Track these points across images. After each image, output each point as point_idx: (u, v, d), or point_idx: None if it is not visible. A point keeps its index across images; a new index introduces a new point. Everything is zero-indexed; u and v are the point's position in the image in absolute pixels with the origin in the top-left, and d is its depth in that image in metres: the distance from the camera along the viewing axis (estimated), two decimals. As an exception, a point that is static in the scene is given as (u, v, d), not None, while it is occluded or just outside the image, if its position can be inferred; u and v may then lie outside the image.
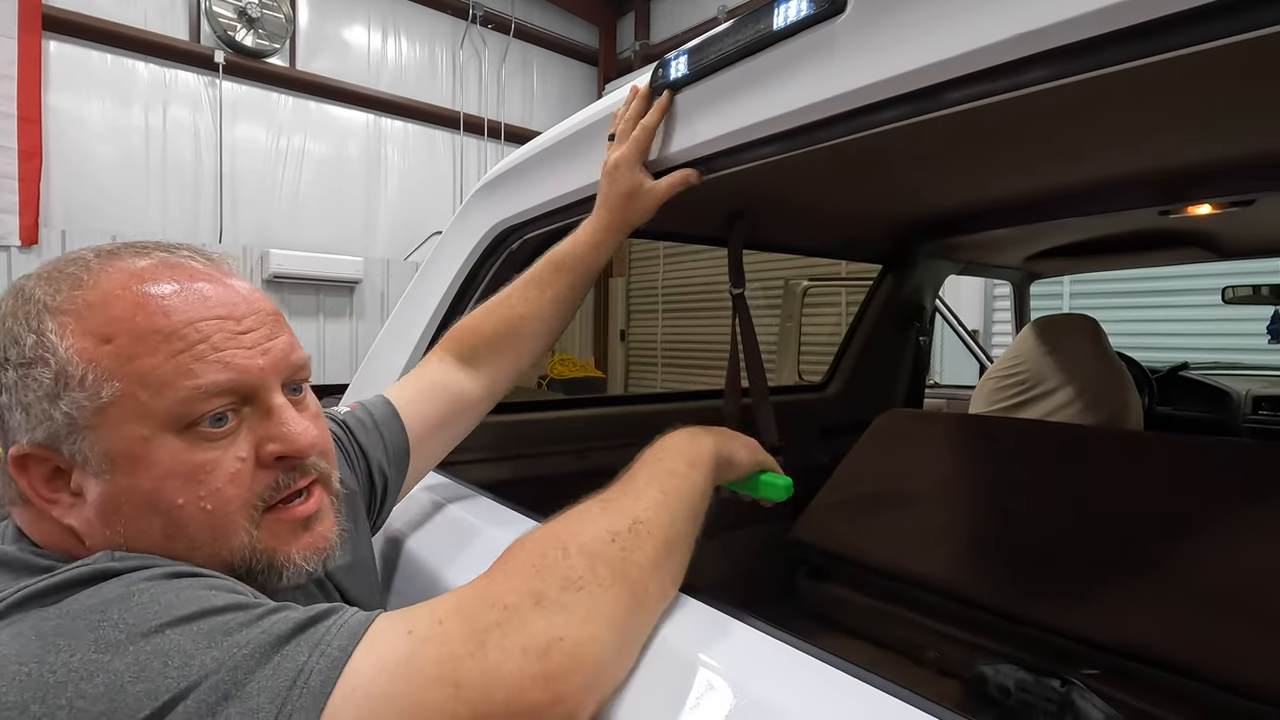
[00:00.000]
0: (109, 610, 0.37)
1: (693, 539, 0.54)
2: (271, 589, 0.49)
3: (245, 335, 0.48)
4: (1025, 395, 1.27)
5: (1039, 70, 0.41)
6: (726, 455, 0.64)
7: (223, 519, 0.46)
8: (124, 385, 0.43)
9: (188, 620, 0.38)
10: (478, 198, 1.02)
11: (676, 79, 0.62)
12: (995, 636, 0.82)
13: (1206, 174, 0.94)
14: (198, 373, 0.45)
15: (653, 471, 0.56)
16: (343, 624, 0.40)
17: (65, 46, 4.16)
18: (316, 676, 0.37)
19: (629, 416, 1.51)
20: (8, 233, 3.85)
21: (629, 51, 6.63)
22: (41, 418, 0.44)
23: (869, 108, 0.49)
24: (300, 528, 0.51)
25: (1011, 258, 1.80)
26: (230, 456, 0.46)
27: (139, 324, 0.44)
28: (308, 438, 0.50)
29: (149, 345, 0.44)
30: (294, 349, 0.51)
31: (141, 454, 0.44)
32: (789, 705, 0.41)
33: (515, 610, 0.41)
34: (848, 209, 1.25)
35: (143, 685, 0.35)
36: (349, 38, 5.34)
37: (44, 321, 0.44)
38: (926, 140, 0.79)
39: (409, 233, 5.56)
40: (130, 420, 0.44)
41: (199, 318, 0.46)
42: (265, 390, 0.48)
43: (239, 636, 0.38)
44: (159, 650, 0.36)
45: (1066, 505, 0.87)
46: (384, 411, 0.77)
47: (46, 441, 0.44)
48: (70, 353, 0.43)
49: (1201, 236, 1.39)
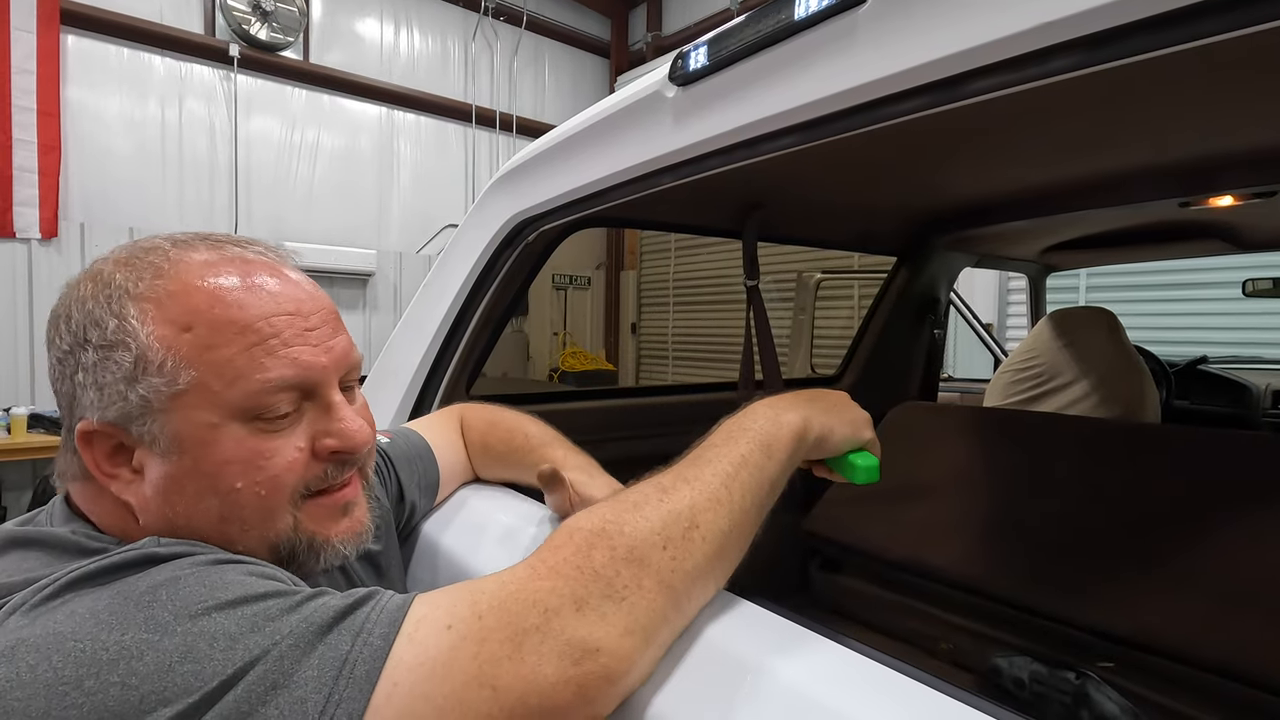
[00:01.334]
0: (158, 592, 0.39)
1: (750, 538, 0.51)
2: (309, 571, 0.52)
3: (312, 333, 0.50)
4: (1041, 388, 1.27)
5: (1062, 60, 0.41)
6: (817, 434, 0.58)
7: (274, 504, 0.49)
8: (200, 374, 0.45)
9: (232, 605, 0.39)
10: (494, 190, 1.03)
11: (696, 70, 0.62)
12: (1009, 629, 0.82)
13: (1227, 165, 0.93)
14: (268, 366, 0.47)
15: (724, 457, 0.52)
16: (381, 609, 0.41)
17: (83, 41, 4.19)
18: (361, 667, 0.38)
19: (642, 408, 1.51)
20: (28, 225, 3.90)
21: (641, 43, 6.60)
22: (116, 398, 0.45)
23: (889, 99, 0.49)
24: (340, 513, 0.53)
25: (1028, 250, 1.79)
26: (290, 446, 0.49)
27: (217, 315, 0.46)
28: (363, 435, 0.52)
29: (225, 337, 0.46)
30: (352, 349, 0.54)
31: (209, 439, 0.46)
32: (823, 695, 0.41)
33: (555, 614, 0.41)
34: (864, 201, 1.25)
35: (190, 665, 0.36)
36: (361, 31, 5.35)
37: (125, 306, 0.46)
38: (945, 132, 0.79)
39: (421, 225, 5.58)
40: (202, 407, 0.46)
41: (271, 313, 0.48)
42: (326, 387, 0.51)
43: (281, 623, 0.39)
44: (205, 633, 0.37)
45: (1082, 498, 0.87)
46: (420, 445, 0.82)
47: (117, 420, 0.46)
48: (151, 339, 0.45)
49: (1222, 228, 1.38)
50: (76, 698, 0.35)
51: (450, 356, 1.07)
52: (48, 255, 3.96)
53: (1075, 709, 0.66)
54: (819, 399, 0.61)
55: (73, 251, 4.03)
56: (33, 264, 3.93)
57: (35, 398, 3.86)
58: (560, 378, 6.12)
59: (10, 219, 3.86)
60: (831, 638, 0.46)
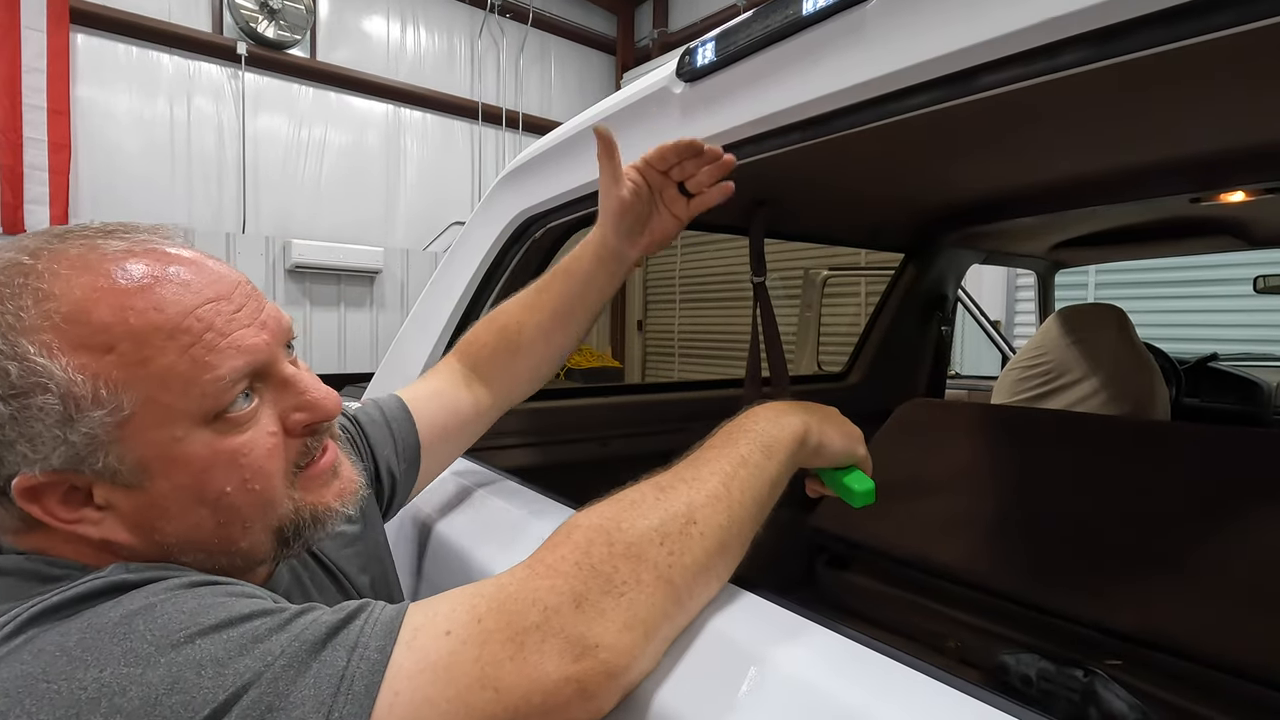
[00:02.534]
0: (134, 622, 0.36)
1: (751, 534, 0.51)
2: (315, 539, 0.51)
3: (240, 313, 0.46)
4: (1049, 386, 1.26)
5: (1072, 55, 0.41)
6: (816, 440, 0.57)
7: (269, 493, 0.47)
8: (143, 392, 0.41)
9: (215, 629, 0.37)
10: (501, 187, 1.03)
11: (703, 66, 0.62)
12: (1017, 626, 0.81)
13: (1240, 160, 0.92)
14: (214, 364, 0.43)
15: (722, 456, 0.51)
16: (375, 621, 0.40)
17: (92, 39, 4.22)
18: (360, 681, 0.37)
19: (648, 405, 1.51)
20: (39, 223, 3.93)
21: (647, 40, 6.59)
22: (54, 444, 0.40)
23: (898, 94, 0.49)
24: (331, 476, 0.52)
25: (1037, 247, 1.78)
26: (263, 434, 0.46)
27: (134, 326, 0.41)
28: (331, 401, 0.50)
29: (154, 346, 0.41)
30: (281, 314, 0.50)
31: (178, 454, 0.43)
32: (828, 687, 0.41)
33: (555, 612, 0.41)
34: (872, 197, 1.24)
35: (178, 697, 0.34)
36: (368, 28, 5.36)
37: (19, 344, 0.39)
38: (954, 127, 0.78)
39: (428, 223, 5.60)
40: (159, 425, 0.42)
41: (192, 306, 0.43)
42: (275, 363, 0.48)
43: (270, 643, 0.37)
44: (191, 660, 0.35)
45: (1090, 496, 0.87)
46: (395, 408, 0.76)
47: (63, 466, 0.41)
48: (69, 371, 0.40)
49: (1233, 224, 1.37)
50: None
51: (464, 335, 1.08)
52: (58, 253, 4.00)
53: (1083, 706, 0.66)
54: (815, 409, 0.61)
55: (83, 249, 4.06)
56: (44, 261, 3.96)
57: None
58: (567, 375, 6.13)
59: (21, 216, 3.89)
60: (837, 630, 0.46)
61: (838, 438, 0.59)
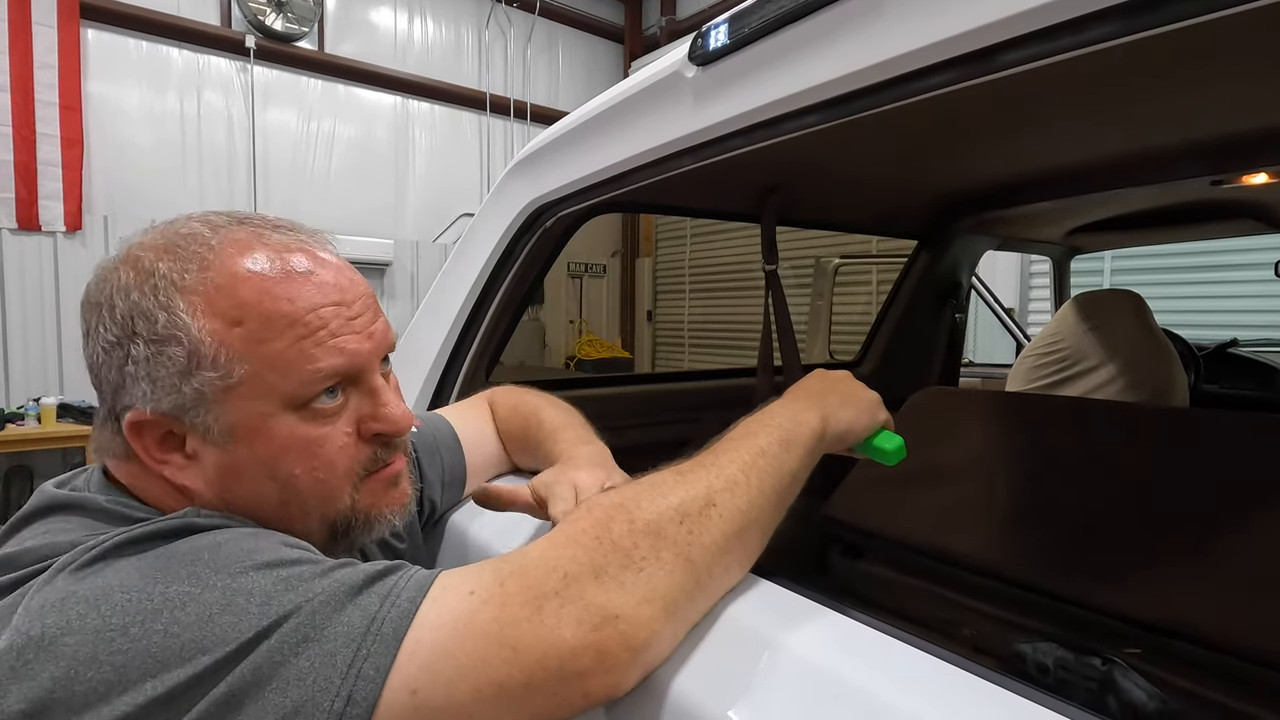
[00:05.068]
0: (201, 554, 0.42)
1: (772, 524, 0.51)
2: (359, 543, 0.55)
3: (355, 320, 0.51)
4: (1065, 373, 1.25)
5: (1098, 29, 0.40)
6: (836, 431, 0.58)
7: (333, 486, 0.51)
8: (252, 367, 0.47)
9: (268, 566, 0.41)
10: (511, 176, 1.03)
11: (716, 49, 0.61)
12: (1033, 614, 0.81)
13: (1263, 140, 0.90)
14: (318, 357, 0.48)
15: (742, 447, 0.52)
16: (410, 578, 0.43)
17: (102, 35, 4.23)
18: (389, 624, 0.40)
19: (659, 395, 1.51)
20: (53, 219, 3.96)
21: (654, 28, 6.54)
22: (169, 390, 0.46)
23: (916, 74, 0.48)
24: (390, 486, 0.56)
25: (1052, 232, 1.75)
26: (339, 432, 0.51)
27: (266, 309, 0.47)
28: (405, 419, 0.54)
29: (275, 330, 0.47)
30: (389, 330, 0.56)
31: (263, 429, 0.48)
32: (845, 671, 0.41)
33: (575, 580, 0.42)
34: (885, 183, 1.23)
35: (229, 617, 0.38)
36: (375, 20, 5.35)
37: (174, 299, 0.46)
38: (969, 110, 0.77)
39: (437, 215, 5.60)
40: (255, 398, 0.47)
41: (318, 304, 0.49)
42: (369, 372, 0.53)
43: (314, 584, 0.41)
44: (243, 589, 0.40)
45: (1108, 483, 0.86)
46: (447, 435, 0.82)
47: (170, 411, 0.47)
48: (203, 333, 0.46)
49: (1255, 207, 1.34)
50: (122, 643, 0.37)
51: (470, 343, 1.08)
52: (73, 248, 4.03)
53: (1101, 695, 0.65)
54: (832, 390, 0.61)
55: (97, 244, 4.10)
56: (59, 257, 4.00)
57: (64, 388, 3.94)
58: (577, 365, 6.14)
59: (36, 212, 3.93)
60: (854, 616, 0.46)
61: (859, 418, 0.61)
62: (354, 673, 0.38)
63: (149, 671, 0.36)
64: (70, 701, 0.36)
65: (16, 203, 3.87)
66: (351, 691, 0.37)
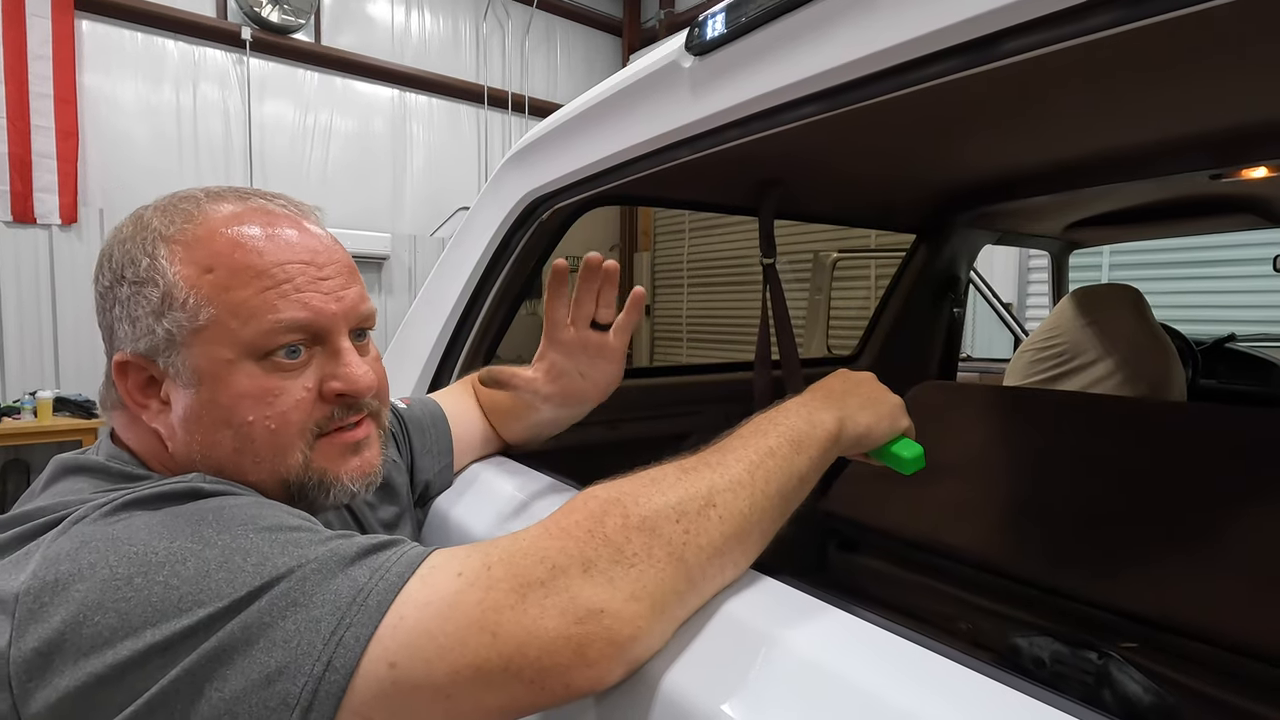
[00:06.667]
0: (206, 515, 0.44)
1: (774, 526, 0.50)
2: (319, 506, 0.56)
3: (324, 281, 0.53)
4: (1063, 367, 1.25)
5: (1094, 19, 0.39)
6: (854, 434, 0.57)
7: (283, 439, 0.52)
8: (218, 312, 0.49)
9: (268, 530, 0.43)
10: (507, 168, 1.02)
11: (714, 38, 0.61)
12: (1030, 609, 0.81)
13: (1263, 134, 0.90)
14: (280, 308, 0.50)
15: (750, 446, 0.51)
16: (402, 554, 0.44)
17: (97, 26, 4.20)
18: (375, 597, 0.41)
19: (656, 389, 1.51)
20: (48, 211, 3.94)
21: (653, 21, 6.51)
22: (145, 331, 0.50)
23: (912, 64, 0.48)
24: (350, 451, 0.56)
25: (1051, 226, 1.75)
26: (298, 386, 0.52)
27: (236, 260, 0.50)
28: (366, 380, 0.55)
29: (242, 279, 0.50)
30: (364, 300, 0.57)
31: (224, 374, 0.50)
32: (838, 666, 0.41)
33: (563, 572, 0.41)
34: (884, 176, 1.22)
35: (224, 574, 0.40)
36: (373, 12, 5.31)
37: (158, 247, 0.50)
38: (967, 101, 0.77)
39: (435, 208, 5.58)
40: (219, 343, 0.50)
41: (286, 260, 0.52)
42: (334, 333, 0.54)
43: (309, 550, 0.42)
44: (241, 548, 0.42)
45: (1105, 478, 0.86)
46: (436, 411, 0.85)
47: (147, 352, 0.50)
48: (177, 277, 0.50)
49: (1255, 201, 1.34)
50: (126, 592, 0.39)
51: (465, 335, 1.07)
52: (68, 241, 4.01)
53: (1097, 689, 0.65)
54: (853, 392, 0.60)
55: (93, 237, 4.07)
56: (54, 249, 3.98)
57: (60, 381, 3.93)
58: (574, 360, 6.12)
59: (31, 205, 3.91)
60: (849, 610, 0.46)
61: (879, 422, 0.59)
62: (335, 640, 0.39)
63: (149, 620, 0.38)
64: (79, 643, 0.38)
65: (11, 196, 3.85)
66: (331, 658, 0.38)
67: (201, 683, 0.38)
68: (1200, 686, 0.66)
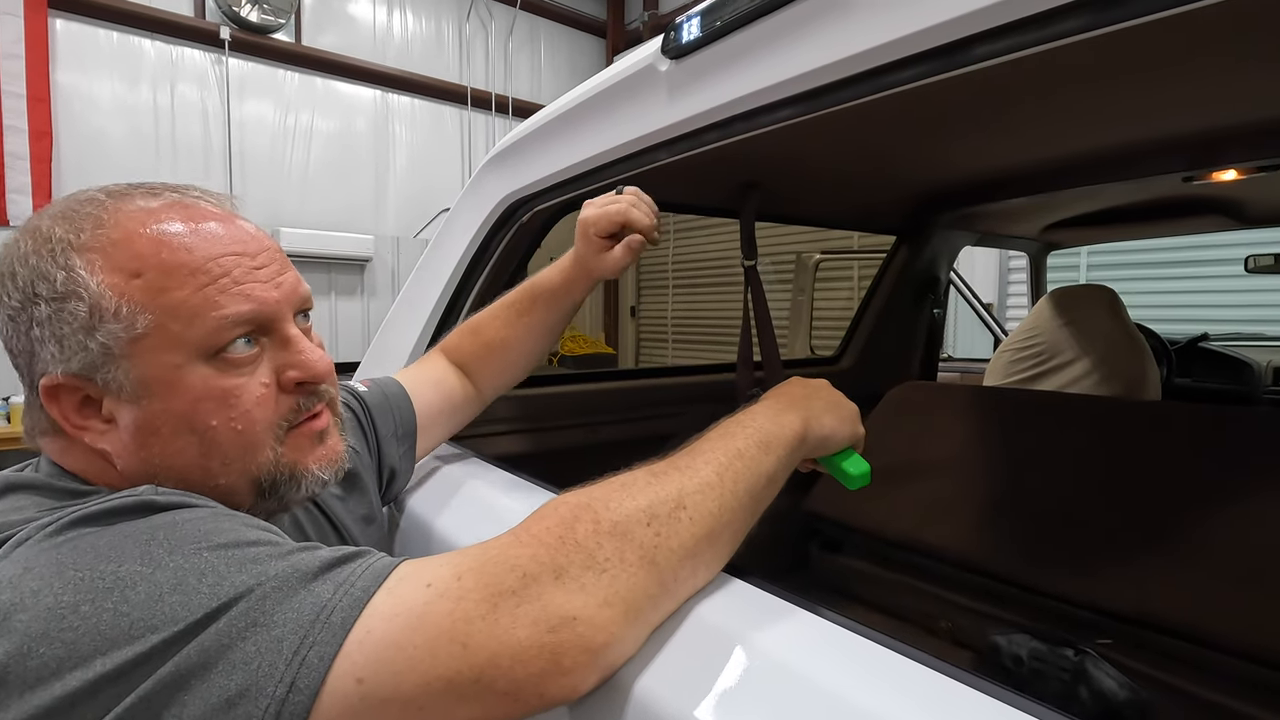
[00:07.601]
0: (156, 533, 0.41)
1: (745, 526, 0.51)
2: (291, 501, 0.54)
3: (260, 270, 0.51)
4: (1042, 367, 1.26)
5: (1067, 23, 0.40)
6: (818, 435, 0.58)
7: (252, 438, 0.50)
8: (156, 317, 0.47)
9: (224, 547, 0.41)
10: (487, 170, 1.01)
11: (689, 41, 0.61)
12: (1009, 607, 0.82)
13: (1233, 138, 0.91)
14: (223, 304, 0.48)
15: (718, 449, 0.51)
16: (368, 567, 0.42)
17: (72, 24, 4.13)
18: (339, 614, 0.39)
19: (642, 390, 1.51)
20: (22, 213, 3.86)
21: (637, 23, 6.51)
22: (76, 349, 0.46)
23: (888, 67, 0.48)
24: (315, 441, 0.55)
25: (1029, 228, 1.77)
26: (255, 382, 0.50)
27: (165, 260, 0.47)
28: (324, 365, 0.54)
29: (176, 279, 0.47)
30: (300, 283, 0.55)
31: (175, 380, 0.47)
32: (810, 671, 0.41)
33: (534, 580, 0.41)
34: (863, 178, 1.23)
35: (178, 597, 0.38)
36: (354, 12, 5.27)
37: (71, 258, 0.46)
38: (944, 104, 0.77)
39: (418, 209, 5.54)
40: (164, 349, 0.47)
41: (218, 254, 0.49)
42: (281, 321, 0.52)
43: (268, 566, 0.40)
44: (195, 569, 0.39)
45: (1082, 476, 0.87)
46: (396, 390, 0.82)
47: (80, 371, 0.47)
48: (102, 287, 0.46)
49: (1226, 203, 1.36)
50: (73, 621, 0.37)
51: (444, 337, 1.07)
52: (42, 243, 3.94)
53: (1073, 685, 0.66)
54: (815, 396, 0.61)
55: (67, 239, 4.00)
56: (27, 252, 3.91)
57: (34, 386, 3.85)
58: (560, 361, 6.11)
59: (4, 206, 3.83)
60: (822, 614, 0.46)
61: (841, 425, 0.60)
62: (298, 660, 0.37)
63: (99, 649, 0.36)
64: (24, 675, 0.36)
65: (-17, 196, 3.77)
66: (295, 679, 0.37)
67: (159, 709, 0.36)
68: (1175, 681, 0.67)
